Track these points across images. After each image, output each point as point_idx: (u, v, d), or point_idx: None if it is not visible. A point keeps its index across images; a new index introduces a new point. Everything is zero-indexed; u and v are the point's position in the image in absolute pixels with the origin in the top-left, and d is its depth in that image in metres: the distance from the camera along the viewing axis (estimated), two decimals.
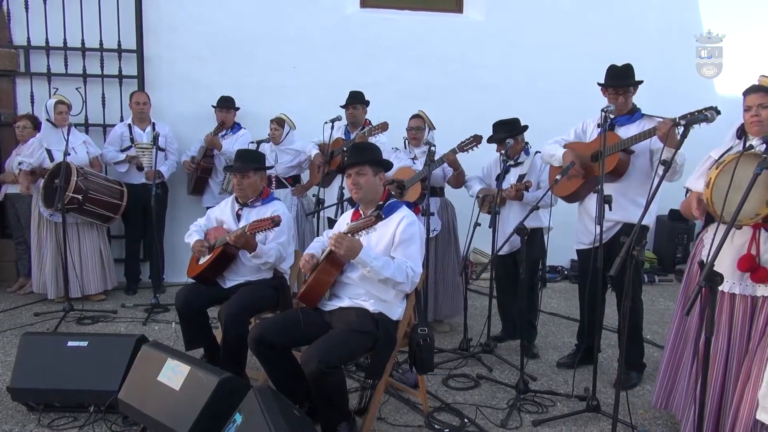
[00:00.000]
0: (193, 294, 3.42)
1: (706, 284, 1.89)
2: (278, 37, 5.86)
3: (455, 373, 3.75)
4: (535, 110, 4.92)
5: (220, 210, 3.73)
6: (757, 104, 2.55)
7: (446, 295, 4.43)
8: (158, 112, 5.65)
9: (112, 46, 5.64)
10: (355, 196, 3.00)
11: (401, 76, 5.92)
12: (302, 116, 5.34)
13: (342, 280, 2.96)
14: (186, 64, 5.80)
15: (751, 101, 2.59)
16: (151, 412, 2.76)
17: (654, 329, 4.61)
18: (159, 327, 4.62)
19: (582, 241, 3.72)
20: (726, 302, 2.63)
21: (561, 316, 5.03)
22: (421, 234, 2.94)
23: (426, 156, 4.02)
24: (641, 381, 3.63)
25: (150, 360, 2.93)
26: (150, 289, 5.32)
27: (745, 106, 2.63)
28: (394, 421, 3.13)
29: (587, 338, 3.70)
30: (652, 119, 3.38)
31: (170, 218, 5.72)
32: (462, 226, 4.35)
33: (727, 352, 2.62)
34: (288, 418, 2.40)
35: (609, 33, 5.99)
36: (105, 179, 5.13)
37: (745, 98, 2.64)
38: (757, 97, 2.56)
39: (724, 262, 2.55)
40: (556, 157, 3.65)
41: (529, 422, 3.13)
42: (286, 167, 5.23)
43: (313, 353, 2.60)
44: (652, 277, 6.19)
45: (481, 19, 6.13)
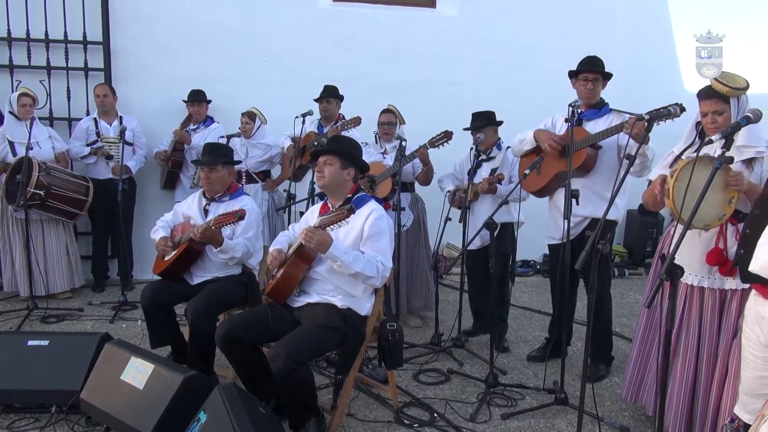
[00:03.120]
0: (159, 291, 3.35)
1: (667, 277, 1.91)
2: (250, 30, 5.78)
3: (426, 368, 3.76)
4: (507, 106, 4.92)
5: (187, 205, 3.67)
6: (712, 111, 2.55)
7: (418, 290, 4.43)
8: (126, 106, 5.53)
9: (78, 38, 5.49)
10: (318, 183, 3.00)
11: (374, 70, 5.89)
12: (274, 111, 5.26)
13: (310, 276, 2.93)
14: (154, 57, 5.68)
15: (706, 108, 2.57)
16: (115, 412, 2.71)
17: (624, 322, 4.67)
18: (127, 325, 4.53)
19: (552, 235, 3.75)
20: (696, 296, 2.67)
21: (532, 310, 5.07)
22: (390, 228, 2.93)
23: (397, 151, 4.00)
24: (609, 373, 3.67)
25: (113, 359, 2.88)
26: (118, 286, 5.22)
27: (701, 111, 2.62)
28: (364, 417, 3.12)
29: (556, 332, 3.73)
30: (620, 114, 3.41)
31: (140, 213, 5.61)
32: (433, 221, 4.35)
33: (698, 345, 2.66)
34: (253, 415, 2.38)
35: (580, 30, 6.03)
36: (69, 174, 5.00)
37: (699, 102, 2.62)
38: (711, 104, 2.55)
39: (693, 256, 2.59)
40: (527, 140, 3.66)
41: (498, 416, 3.14)
42: (257, 162, 5.17)
43: (281, 350, 2.57)
44: (623, 270, 6.28)
45: (454, 14, 6.12)
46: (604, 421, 3.06)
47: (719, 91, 2.51)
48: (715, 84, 2.52)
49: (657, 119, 2.61)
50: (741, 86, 2.50)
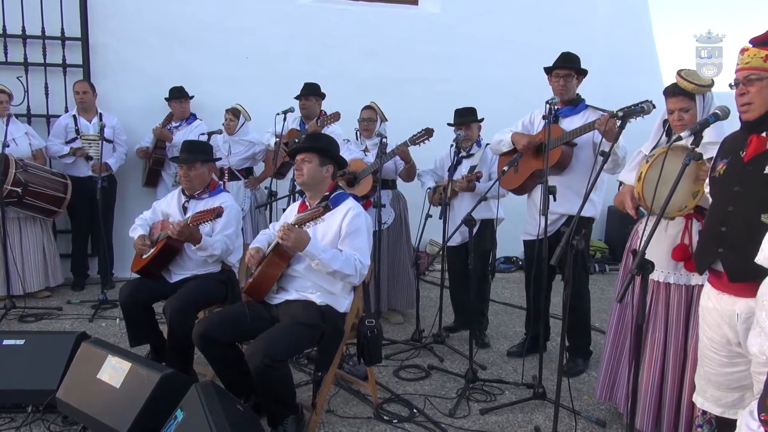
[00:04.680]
0: (137, 289, 3.33)
1: (638, 272, 1.94)
2: (230, 26, 5.75)
3: (407, 364, 3.77)
4: (488, 103, 4.94)
5: (166, 203, 3.65)
6: (679, 108, 2.59)
7: (400, 287, 4.44)
8: (105, 103, 5.47)
9: (56, 33, 5.42)
10: (297, 181, 3.01)
11: (355, 67, 5.88)
12: (256, 107, 5.26)
13: (289, 273, 2.94)
14: (135, 53, 5.62)
15: (672, 105, 2.61)
16: (91, 411, 2.68)
17: (604, 318, 4.69)
18: (106, 323, 4.49)
19: (529, 231, 3.77)
20: (662, 292, 2.70)
21: (513, 305, 5.11)
22: (368, 225, 2.94)
23: (378, 148, 4.01)
24: (587, 368, 3.71)
25: (90, 357, 2.85)
26: (99, 284, 5.17)
27: (667, 109, 2.66)
28: (344, 413, 3.13)
29: (532, 327, 3.77)
30: (596, 111, 3.44)
31: (121, 211, 5.55)
32: (414, 218, 4.36)
33: (665, 341, 2.68)
34: (230, 413, 2.37)
35: (561, 26, 6.07)
36: (48, 172, 4.94)
37: (666, 100, 2.65)
38: (677, 101, 2.59)
39: (660, 253, 2.61)
40: (504, 142, 3.69)
41: (477, 411, 3.17)
42: (240, 159, 5.15)
43: (258, 347, 2.57)
44: (603, 266, 6.35)
45: (436, 11, 6.13)
46: (581, 414, 3.10)
47: (685, 88, 2.55)
48: (681, 81, 2.56)
49: (630, 116, 2.64)
50: (706, 83, 2.53)
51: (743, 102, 2.02)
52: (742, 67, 2.00)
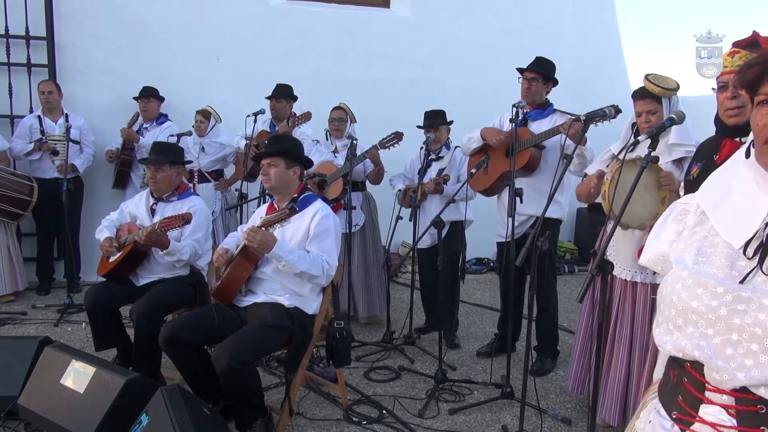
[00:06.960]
0: (103, 293, 3.28)
1: (597, 273, 1.98)
2: (200, 26, 5.69)
3: (377, 365, 3.78)
4: (459, 105, 5.00)
5: (134, 204, 3.59)
6: (646, 111, 2.66)
7: (370, 288, 4.44)
8: (72, 103, 5.38)
9: (20, 32, 5.31)
10: (265, 186, 3.00)
11: (326, 69, 5.88)
12: (226, 109, 5.23)
13: (257, 276, 2.92)
14: (102, 53, 5.53)
15: (640, 107, 2.68)
16: (54, 417, 2.64)
17: (572, 318, 4.79)
18: (72, 328, 4.41)
19: (500, 233, 3.82)
20: (629, 291, 2.76)
21: (485, 306, 5.16)
22: (336, 227, 2.94)
23: (348, 150, 4.01)
24: (555, 367, 3.77)
25: (53, 362, 2.80)
26: (65, 288, 5.07)
27: (635, 112, 2.73)
28: (313, 415, 3.13)
29: (501, 327, 3.81)
30: (564, 115, 3.50)
31: (89, 213, 5.44)
32: (384, 220, 4.37)
33: (631, 338, 2.75)
34: (196, 417, 2.36)
35: (530, 30, 6.15)
36: (12, 174, 4.84)
37: (634, 102, 2.72)
38: (644, 104, 2.66)
39: (627, 252, 2.68)
40: (474, 138, 3.74)
41: (446, 411, 3.19)
42: (210, 161, 5.11)
43: (225, 349, 2.55)
44: (572, 267, 6.45)
45: (408, 14, 6.17)
46: (548, 413, 3.15)
47: (652, 91, 2.63)
48: (648, 85, 2.64)
49: (593, 120, 2.70)
50: (672, 87, 2.61)
51: (734, 106, 2.02)
52: (732, 70, 1.99)
